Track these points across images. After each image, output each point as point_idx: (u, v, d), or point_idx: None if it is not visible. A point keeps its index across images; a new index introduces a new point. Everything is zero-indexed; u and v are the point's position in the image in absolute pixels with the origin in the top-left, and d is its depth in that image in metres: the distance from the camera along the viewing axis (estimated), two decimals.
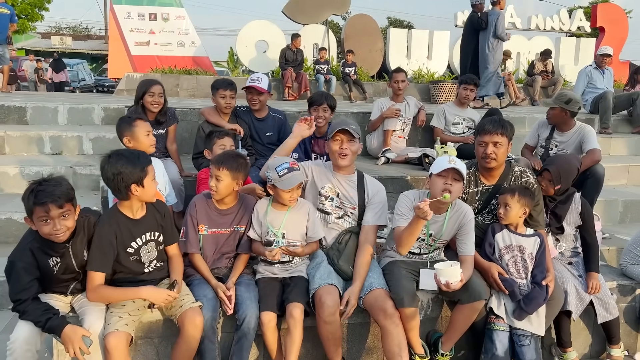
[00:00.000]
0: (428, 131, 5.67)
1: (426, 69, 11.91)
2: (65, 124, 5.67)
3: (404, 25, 34.40)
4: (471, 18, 8.40)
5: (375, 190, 3.16)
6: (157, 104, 4.01)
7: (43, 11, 24.62)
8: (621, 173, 5.61)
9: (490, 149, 3.10)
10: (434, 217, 2.92)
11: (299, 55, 10.27)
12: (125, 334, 2.48)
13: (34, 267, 2.44)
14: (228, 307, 2.73)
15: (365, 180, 3.19)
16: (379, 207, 3.12)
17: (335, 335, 2.75)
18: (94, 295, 2.54)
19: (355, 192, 3.13)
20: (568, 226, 3.36)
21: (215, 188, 2.84)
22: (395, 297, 2.78)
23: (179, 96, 9.56)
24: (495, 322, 2.98)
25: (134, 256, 2.66)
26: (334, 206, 3.13)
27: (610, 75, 7.47)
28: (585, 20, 13.62)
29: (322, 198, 3.12)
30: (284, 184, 2.80)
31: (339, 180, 3.14)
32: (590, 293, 3.17)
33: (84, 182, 4.54)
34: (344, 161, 3.07)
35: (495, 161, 3.11)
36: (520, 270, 3.05)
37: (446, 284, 2.74)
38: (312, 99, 4.16)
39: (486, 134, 3.13)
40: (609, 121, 6.76)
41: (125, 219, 2.64)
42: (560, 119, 4.27)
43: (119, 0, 10.81)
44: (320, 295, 2.73)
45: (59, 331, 2.36)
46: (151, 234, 2.72)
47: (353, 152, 3.08)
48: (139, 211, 2.68)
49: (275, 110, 4.46)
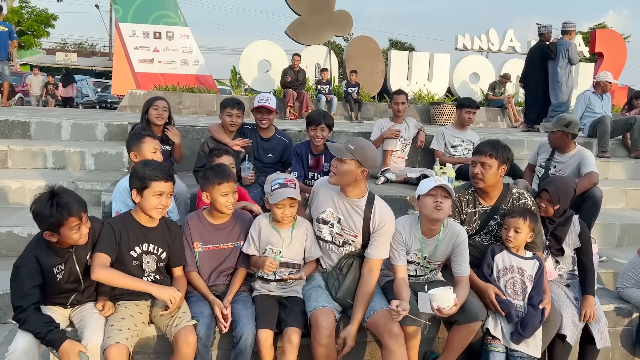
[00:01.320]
0: (427, 152, 5.72)
1: (426, 90, 12.06)
2: (68, 139, 5.72)
3: (405, 48, 34.79)
4: (540, 47, 8.54)
5: (383, 221, 2.91)
6: (161, 117, 4.13)
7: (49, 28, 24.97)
8: (619, 197, 5.64)
9: (477, 169, 3.14)
10: (426, 240, 2.96)
11: (301, 76, 10.40)
12: (125, 347, 2.49)
13: (38, 273, 2.47)
14: (223, 326, 2.73)
15: (374, 206, 2.94)
16: (384, 240, 2.93)
17: (330, 357, 2.75)
18: (101, 271, 2.55)
19: (361, 219, 2.93)
20: (567, 248, 3.38)
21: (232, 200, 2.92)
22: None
23: (181, 113, 9.66)
24: (491, 343, 2.99)
25: (136, 261, 2.72)
26: (334, 233, 2.99)
27: (609, 100, 7.55)
28: (584, 46, 13.82)
29: (319, 225, 3.01)
30: (273, 197, 2.83)
31: (344, 204, 2.97)
32: (582, 320, 3.17)
33: (86, 197, 4.43)
34: (331, 179, 2.93)
35: (482, 182, 3.14)
36: (518, 292, 3.07)
37: (438, 309, 2.71)
38: (310, 118, 4.18)
39: (476, 153, 3.19)
40: (607, 145, 6.81)
41: (135, 223, 2.75)
42: (561, 141, 4.33)
43: (124, 18, 11.00)
44: (316, 317, 2.73)
45: (58, 345, 2.37)
46: (155, 248, 2.76)
47: (341, 171, 2.85)
48: (148, 221, 2.77)
49: (282, 133, 4.52)
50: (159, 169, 2.73)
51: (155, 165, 2.76)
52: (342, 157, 2.84)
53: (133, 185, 2.69)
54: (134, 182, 2.69)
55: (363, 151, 2.85)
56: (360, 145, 2.87)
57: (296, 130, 5.79)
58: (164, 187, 2.70)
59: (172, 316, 2.66)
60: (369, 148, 2.90)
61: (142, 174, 2.66)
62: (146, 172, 2.67)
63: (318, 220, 3.03)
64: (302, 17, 11.60)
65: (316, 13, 11.63)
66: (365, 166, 2.86)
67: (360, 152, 2.84)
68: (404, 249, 2.97)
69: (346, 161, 2.84)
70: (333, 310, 2.81)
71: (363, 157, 2.84)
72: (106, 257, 2.60)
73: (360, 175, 2.88)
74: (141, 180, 2.65)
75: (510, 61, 13.28)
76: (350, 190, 2.94)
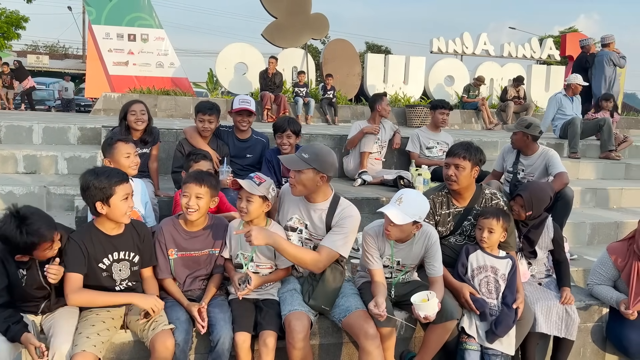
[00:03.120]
0: (403, 154, 5.78)
1: (402, 93, 12.17)
2: (40, 143, 5.61)
3: (382, 51, 35.06)
4: (580, 58, 9.45)
5: (343, 215, 2.88)
6: (141, 122, 4.05)
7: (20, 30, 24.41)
8: (589, 196, 5.77)
9: (451, 171, 3.20)
10: (398, 245, 2.99)
11: (277, 78, 10.40)
12: (92, 355, 2.45)
13: (3, 275, 2.44)
14: (201, 326, 2.71)
15: (338, 206, 2.93)
16: (339, 230, 2.86)
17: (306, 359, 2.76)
18: (75, 297, 2.53)
19: (324, 220, 2.93)
20: (540, 250, 3.46)
21: (196, 206, 2.81)
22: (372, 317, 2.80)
23: (157, 116, 9.53)
24: (467, 342, 3.04)
25: (106, 272, 2.67)
26: (304, 239, 3.00)
27: (579, 102, 7.75)
28: (555, 49, 14.14)
29: (288, 232, 2.99)
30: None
31: (308, 209, 2.97)
32: (562, 303, 3.25)
33: (58, 202, 4.49)
34: (294, 191, 2.90)
35: (456, 183, 3.20)
36: (491, 291, 3.13)
37: (425, 317, 2.75)
38: (276, 125, 4.14)
39: (449, 156, 3.25)
40: (578, 146, 6.99)
41: (100, 234, 2.66)
42: (522, 143, 4.40)
43: (97, 20, 10.81)
44: (290, 320, 2.73)
45: (18, 338, 2.37)
46: (126, 254, 2.72)
47: (300, 182, 2.81)
48: (115, 229, 2.69)
49: (258, 133, 4.51)
50: (113, 173, 2.64)
51: (108, 170, 2.67)
52: (298, 169, 2.80)
53: (95, 198, 2.55)
54: (94, 195, 2.55)
55: (318, 158, 2.81)
56: (314, 153, 2.82)
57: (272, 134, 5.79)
58: (127, 188, 2.64)
59: (148, 320, 2.64)
60: (324, 153, 2.86)
61: (101, 184, 2.55)
62: (104, 180, 2.56)
63: (286, 227, 3.02)
64: (279, 19, 11.60)
65: (292, 16, 11.64)
66: (323, 172, 2.83)
67: (315, 159, 2.80)
68: (378, 253, 2.99)
69: (303, 171, 2.80)
70: (308, 313, 2.82)
71: (320, 164, 2.81)
72: (78, 277, 2.56)
73: (320, 181, 2.85)
74: (103, 190, 2.54)
75: (484, 64, 13.49)
76: (314, 196, 2.93)
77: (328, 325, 3.02)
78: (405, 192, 2.88)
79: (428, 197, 3.22)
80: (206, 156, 3.58)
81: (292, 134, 4.09)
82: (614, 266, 3.52)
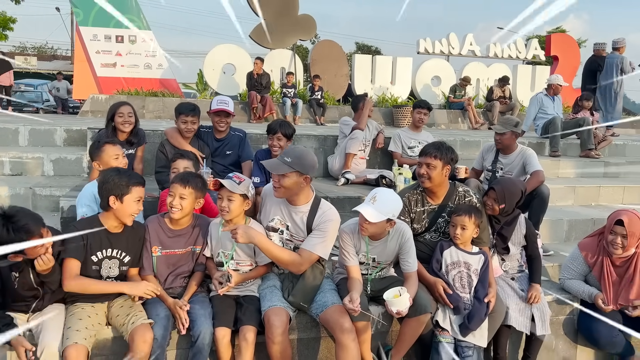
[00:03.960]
0: (386, 154, 5.88)
1: (390, 93, 12.28)
2: (26, 145, 5.66)
3: (372, 51, 35.19)
4: (591, 61, 9.49)
5: (324, 219, 2.97)
6: (128, 124, 4.13)
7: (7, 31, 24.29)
8: (568, 194, 5.92)
9: (423, 170, 3.31)
10: (373, 243, 3.09)
11: (264, 79, 10.48)
12: (84, 347, 2.53)
13: None
14: (182, 326, 2.79)
15: (319, 209, 3.01)
16: (319, 234, 2.95)
17: (284, 354, 2.84)
18: (73, 283, 2.63)
19: (305, 222, 3.02)
20: (513, 246, 3.56)
21: (179, 206, 2.89)
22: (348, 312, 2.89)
23: (144, 118, 9.59)
24: (441, 335, 3.14)
25: (96, 266, 2.76)
26: (285, 239, 3.09)
27: (560, 102, 7.90)
28: (540, 49, 14.31)
29: (270, 233, 3.08)
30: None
31: (290, 211, 3.06)
32: (528, 302, 3.36)
33: (44, 203, 4.54)
34: (277, 194, 2.97)
35: (429, 181, 3.31)
36: (465, 285, 3.23)
37: (398, 312, 2.86)
38: (269, 127, 4.23)
39: (421, 155, 3.36)
40: (558, 145, 7.13)
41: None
42: (510, 141, 4.52)
43: (85, 22, 10.82)
44: (269, 316, 2.82)
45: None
46: (119, 253, 2.81)
47: (284, 185, 2.89)
48: (116, 227, 2.81)
49: (234, 129, 4.56)
50: (134, 175, 2.82)
51: (131, 172, 2.85)
52: (282, 173, 2.87)
53: (111, 192, 2.70)
54: (112, 189, 2.70)
55: (300, 160, 2.88)
56: (296, 156, 2.89)
57: (258, 134, 5.87)
58: (142, 192, 2.80)
59: (127, 314, 2.72)
60: (305, 155, 2.94)
61: (121, 181, 2.71)
62: (125, 178, 2.73)
63: (268, 228, 3.10)
64: (266, 21, 11.67)
65: (280, 17, 11.71)
66: (306, 173, 2.92)
67: (298, 162, 2.88)
68: (354, 250, 3.08)
69: (287, 175, 2.87)
70: (287, 309, 2.90)
71: (302, 166, 2.88)
72: (76, 263, 2.66)
73: (304, 182, 2.94)
74: (121, 187, 2.70)
75: (470, 64, 13.64)
76: (296, 199, 3.01)
77: (307, 320, 3.11)
78: (379, 191, 2.97)
79: (404, 195, 3.34)
80: (184, 155, 3.60)
81: (283, 136, 4.13)
82: (584, 262, 3.64)
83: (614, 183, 6.32)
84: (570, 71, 13.96)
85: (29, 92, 21.65)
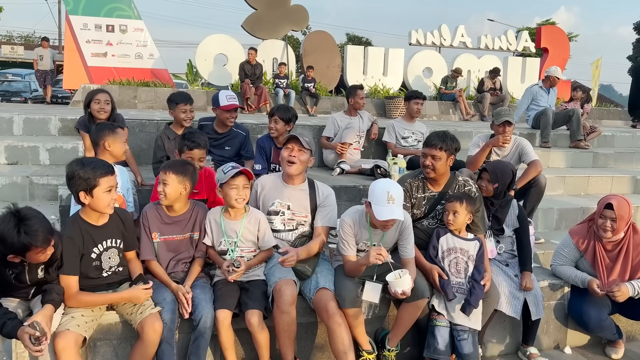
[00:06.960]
0: (380, 144, 5.95)
1: (382, 85, 12.33)
2: (20, 134, 5.63)
3: (362, 42, 35.14)
4: None
5: (326, 194, 3.33)
6: (104, 112, 4.17)
7: None
8: (558, 184, 6.03)
9: (428, 161, 3.38)
10: (374, 230, 3.15)
11: (257, 70, 10.48)
12: (75, 334, 2.52)
13: None
14: (185, 311, 2.84)
15: (316, 185, 3.36)
16: (329, 210, 3.30)
17: (290, 327, 2.91)
18: (73, 302, 2.62)
19: (307, 199, 3.29)
20: (507, 228, 3.68)
21: (162, 192, 2.95)
22: (339, 299, 2.98)
23: (136, 108, 9.56)
24: (436, 319, 3.23)
25: (96, 262, 2.75)
26: (286, 219, 3.26)
27: (554, 94, 7.98)
28: (530, 42, 14.43)
29: (271, 217, 3.25)
30: (226, 177, 2.93)
31: (290, 191, 3.29)
32: (523, 289, 3.46)
33: (41, 192, 4.55)
34: (291, 168, 3.21)
35: (433, 172, 3.39)
36: (460, 271, 3.31)
37: (402, 292, 2.92)
38: (270, 111, 4.43)
39: (426, 146, 3.42)
40: (549, 136, 7.24)
41: (87, 225, 2.72)
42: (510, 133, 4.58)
43: (75, 11, 10.69)
44: (280, 286, 2.90)
45: (14, 333, 2.37)
46: (113, 241, 2.81)
47: (302, 161, 3.22)
48: (100, 218, 2.76)
49: (238, 126, 4.59)
50: (99, 164, 2.68)
51: (95, 162, 2.71)
52: (306, 148, 3.23)
53: (79, 188, 2.60)
54: (79, 185, 2.59)
55: (311, 144, 3.31)
56: (310, 138, 3.34)
57: (253, 124, 5.90)
58: (112, 181, 2.69)
59: (134, 304, 2.76)
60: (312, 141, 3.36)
61: (86, 174, 2.59)
62: (90, 171, 2.60)
63: (269, 212, 3.25)
64: (258, 11, 11.64)
65: (272, 7, 11.69)
66: (312, 155, 3.33)
67: (311, 144, 3.32)
68: (354, 240, 3.15)
69: (305, 152, 3.24)
70: (294, 281, 2.98)
71: (313, 149, 3.33)
72: (74, 280, 2.63)
73: (311, 162, 3.32)
74: (87, 181, 2.59)
75: (461, 56, 13.73)
76: (297, 177, 3.30)
77: (305, 305, 3.17)
78: (389, 187, 2.95)
79: (405, 181, 3.46)
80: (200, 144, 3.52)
81: (280, 119, 4.22)
82: (575, 248, 3.73)
83: (602, 173, 6.45)
84: (560, 63, 14.09)
85: (16, 82, 21.35)
